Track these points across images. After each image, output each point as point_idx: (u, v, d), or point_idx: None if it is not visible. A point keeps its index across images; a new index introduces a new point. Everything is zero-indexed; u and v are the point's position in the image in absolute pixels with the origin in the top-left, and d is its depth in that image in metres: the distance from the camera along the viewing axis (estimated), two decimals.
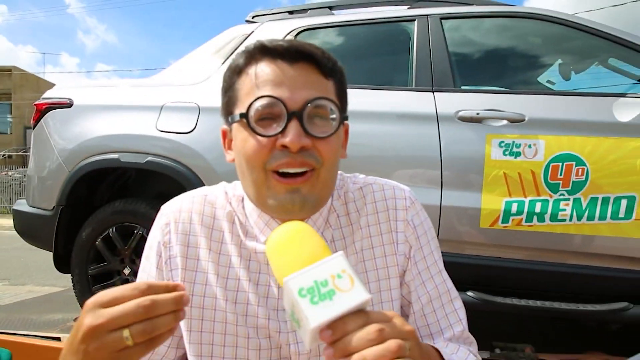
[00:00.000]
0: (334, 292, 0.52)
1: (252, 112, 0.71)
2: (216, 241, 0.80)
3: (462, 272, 2.05)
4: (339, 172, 0.83)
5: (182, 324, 0.78)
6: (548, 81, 2.49)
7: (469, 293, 2.02)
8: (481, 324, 2.82)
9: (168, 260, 0.79)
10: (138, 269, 2.04)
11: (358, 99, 2.14)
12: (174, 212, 0.81)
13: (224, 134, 0.82)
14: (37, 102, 2.63)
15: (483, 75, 2.35)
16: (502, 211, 1.96)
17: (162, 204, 0.89)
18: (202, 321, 0.77)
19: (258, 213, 0.79)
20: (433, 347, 0.73)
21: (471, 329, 0.86)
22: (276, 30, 2.43)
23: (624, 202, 1.87)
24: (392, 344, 0.50)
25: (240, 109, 0.74)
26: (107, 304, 0.53)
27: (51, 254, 2.45)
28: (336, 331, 0.51)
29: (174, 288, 0.55)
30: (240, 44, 2.47)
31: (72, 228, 2.46)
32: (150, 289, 0.54)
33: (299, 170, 0.71)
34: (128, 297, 0.53)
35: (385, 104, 2.14)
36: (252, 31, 2.49)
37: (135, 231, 2.34)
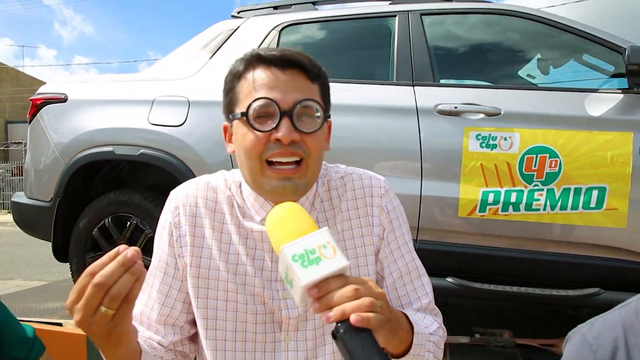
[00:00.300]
0: (320, 259, 0.65)
1: (251, 111, 0.84)
2: (218, 222, 0.92)
3: (442, 259, 2.15)
4: (323, 162, 0.95)
5: (191, 292, 0.91)
6: (528, 75, 2.56)
7: (449, 279, 2.11)
8: (462, 310, 2.94)
9: (178, 239, 0.91)
10: None
11: (342, 92, 2.22)
12: (182, 197, 0.93)
13: (225, 129, 0.94)
14: (32, 98, 2.71)
15: (461, 69, 2.42)
16: (479, 201, 2.05)
17: (155, 195, 1.00)
18: (208, 290, 0.89)
19: (254, 196, 0.91)
20: (402, 312, 0.84)
21: (452, 315, 0.96)
22: (261, 25, 2.50)
23: (595, 193, 1.96)
24: (365, 300, 0.63)
25: (240, 109, 0.86)
26: (76, 300, 0.64)
27: (36, 250, 2.55)
28: (321, 289, 0.63)
29: (115, 255, 0.64)
30: (227, 38, 2.54)
31: (69, 218, 2.55)
32: (98, 267, 0.64)
33: (289, 160, 0.84)
34: (85, 285, 0.64)
35: (367, 98, 2.22)
36: (238, 26, 2.56)
37: (130, 221, 2.43)
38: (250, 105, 0.83)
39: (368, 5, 2.51)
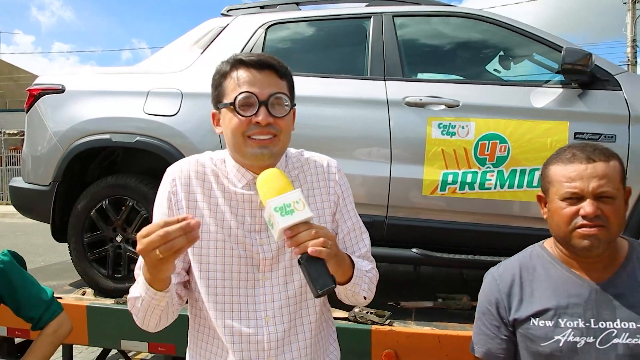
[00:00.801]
0: (293, 211, 0.96)
1: (236, 102, 1.10)
2: (207, 189, 1.18)
3: (410, 233, 2.45)
4: (290, 148, 1.24)
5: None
6: (495, 69, 2.86)
7: (414, 250, 2.42)
8: (431, 279, 3.26)
9: (176, 203, 1.17)
10: (128, 236, 2.44)
11: (322, 86, 2.49)
12: (177, 171, 1.20)
13: (214, 115, 1.21)
14: (30, 88, 2.87)
15: (427, 66, 2.72)
16: (440, 181, 2.36)
17: (150, 179, 1.25)
18: (201, 242, 1.15)
19: (237, 168, 1.18)
20: (347, 254, 1.17)
21: (422, 283, 1.26)
22: (249, 24, 2.74)
23: (537, 173, 2.29)
24: (321, 239, 0.97)
25: (228, 99, 1.13)
26: (144, 236, 0.92)
27: (17, 240, 2.73)
28: (292, 231, 0.96)
29: (183, 219, 0.92)
30: (217, 35, 2.77)
31: (67, 201, 2.74)
32: (166, 224, 0.91)
33: (266, 137, 1.11)
34: (154, 230, 0.91)
35: (344, 91, 2.50)
36: (228, 24, 2.79)
37: (126, 203, 2.65)
38: (236, 97, 1.10)
39: (346, 7, 2.78)
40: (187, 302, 1.25)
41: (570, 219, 1.17)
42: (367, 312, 2.33)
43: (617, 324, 1.15)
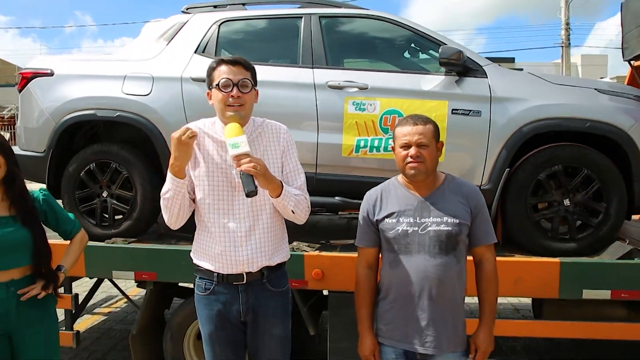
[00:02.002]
0: (238, 146, 1.74)
1: (220, 84, 1.87)
2: (203, 139, 1.94)
3: (333, 185, 3.24)
4: (254, 117, 2.00)
5: (192, 173, 1.95)
6: (397, 59, 3.63)
7: (337, 198, 3.21)
8: (354, 227, 4.07)
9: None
10: (113, 192, 3.30)
11: (266, 72, 3.20)
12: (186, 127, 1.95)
13: (208, 94, 1.95)
14: (22, 71, 3.46)
15: (346, 57, 3.47)
16: (354, 145, 3.14)
17: (129, 147, 2.75)
18: (200, 172, 1.92)
19: (221, 126, 1.92)
20: (280, 181, 1.92)
21: (348, 229, 1.99)
22: (205, 20, 3.40)
23: None
24: (252, 163, 1.76)
25: (215, 83, 1.89)
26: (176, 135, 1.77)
27: None
28: (237, 158, 1.75)
29: (185, 131, 1.76)
30: (179, 29, 3.42)
31: (59, 165, 3.37)
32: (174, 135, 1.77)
33: (236, 104, 1.85)
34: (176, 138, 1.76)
35: (282, 76, 3.22)
36: (187, 20, 3.44)
37: (110, 165, 3.31)
38: (219, 81, 1.87)
39: (283, 8, 3.48)
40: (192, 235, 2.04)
41: (404, 158, 1.97)
42: (303, 245, 3.14)
43: (430, 220, 1.97)
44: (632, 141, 2.96)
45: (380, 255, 2.12)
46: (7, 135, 18.27)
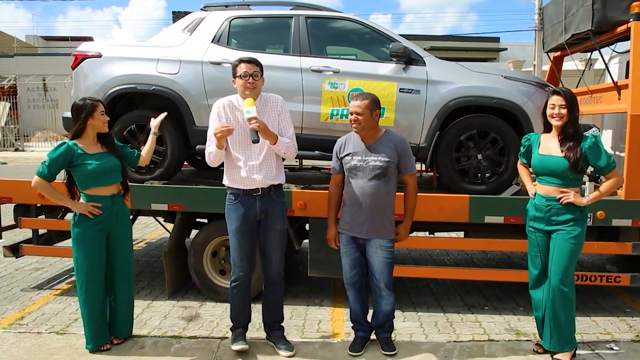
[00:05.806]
0: (250, 112, 3.00)
1: (240, 74, 3.13)
2: (231, 109, 3.18)
3: (314, 143, 4.41)
4: (263, 92, 3.22)
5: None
6: (360, 51, 4.79)
7: (316, 152, 4.40)
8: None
9: (222, 117, 3.15)
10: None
11: (265, 58, 4.32)
12: (220, 102, 3.21)
13: (233, 81, 3.17)
14: (75, 53, 4.52)
15: (325, 48, 4.62)
16: (329, 114, 4.31)
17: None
18: (230, 130, 3.07)
19: (241, 101, 3.12)
20: (276, 135, 3.17)
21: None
22: (219, 17, 4.49)
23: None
24: (257, 123, 3.03)
25: (237, 74, 3.15)
26: (217, 133, 3.01)
27: None
28: (249, 120, 3.03)
29: (227, 127, 3.01)
30: (199, 24, 4.50)
31: None
32: (223, 126, 3.04)
33: (251, 86, 3.10)
34: (219, 129, 3.00)
35: (277, 62, 4.35)
36: (205, 17, 4.52)
37: (146, 127, 4.41)
38: (241, 73, 3.10)
39: (279, 9, 4.61)
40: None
41: (352, 121, 3.16)
42: (292, 186, 4.34)
43: (371, 158, 3.18)
44: (525, 113, 4.19)
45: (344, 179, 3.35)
46: (7, 105, 18.93)
